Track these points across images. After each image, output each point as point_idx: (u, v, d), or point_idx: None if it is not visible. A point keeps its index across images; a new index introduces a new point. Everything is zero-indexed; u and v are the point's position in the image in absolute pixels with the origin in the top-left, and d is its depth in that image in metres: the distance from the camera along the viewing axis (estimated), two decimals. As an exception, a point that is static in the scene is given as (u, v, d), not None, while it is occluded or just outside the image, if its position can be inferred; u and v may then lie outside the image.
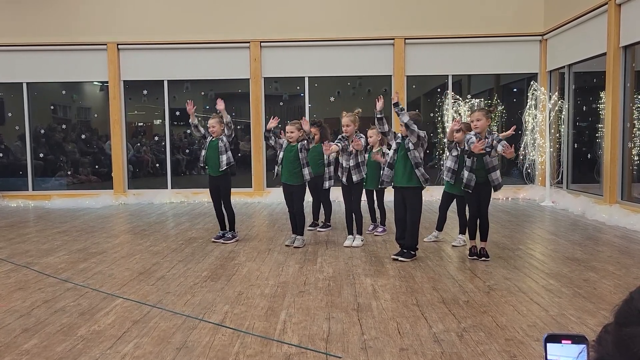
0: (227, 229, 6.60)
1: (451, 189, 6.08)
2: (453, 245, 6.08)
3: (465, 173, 5.40)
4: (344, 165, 6.11)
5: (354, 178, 6.02)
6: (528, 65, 11.03)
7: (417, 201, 5.42)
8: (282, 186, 6.27)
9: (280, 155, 6.11)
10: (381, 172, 6.27)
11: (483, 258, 5.40)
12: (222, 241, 6.50)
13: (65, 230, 7.63)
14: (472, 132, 5.38)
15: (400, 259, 5.41)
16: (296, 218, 6.22)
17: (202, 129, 6.46)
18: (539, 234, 6.94)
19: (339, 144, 6.07)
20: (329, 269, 5.13)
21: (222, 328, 3.58)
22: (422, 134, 5.35)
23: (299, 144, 6.05)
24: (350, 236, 6.26)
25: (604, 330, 0.79)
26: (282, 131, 6.45)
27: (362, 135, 6.22)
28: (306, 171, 6.06)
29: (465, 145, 5.36)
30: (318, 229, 7.22)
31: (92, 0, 11.09)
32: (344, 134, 6.14)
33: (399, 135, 5.50)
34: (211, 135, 6.39)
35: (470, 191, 5.39)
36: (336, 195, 6.55)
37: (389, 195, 6.06)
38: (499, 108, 11.03)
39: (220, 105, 6.29)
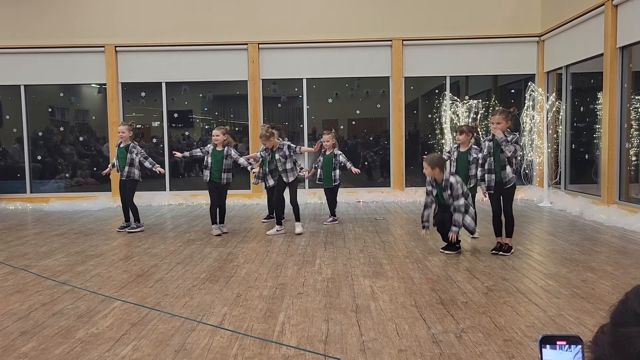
0: (132, 220, 7.62)
1: None
2: (473, 238, 6.45)
3: (485, 176, 5.64)
4: (266, 169, 7.28)
5: (290, 178, 6.96)
6: (525, 66, 11.05)
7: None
8: (210, 183, 7.09)
9: (209, 160, 7.03)
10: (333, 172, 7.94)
11: (501, 253, 5.63)
12: (127, 230, 7.52)
13: (63, 233, 7.62)
14: (489, 137, 5.63)
15: (446, 252, 5.74)
16: (219, 210, 7.23)
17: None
18: (537, 235, 6.94)
19: (262, 153, 7.39)
20: (328, 271, 5.13)
21: (221, 330, 3.58)
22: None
23: (225, 149, 7.01)
24: (279, 226, 7.11)
25: (600, 330, 0.79)
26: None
27: (285, 142, 7.08)
28: (225, 175, 7.08)
29: (483, 148, 5.76)
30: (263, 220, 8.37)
31: (89, 3, 11.09)
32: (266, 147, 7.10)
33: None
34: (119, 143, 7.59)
35: (493, 191, 5.66)
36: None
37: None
38: (497, 109, 11.03)
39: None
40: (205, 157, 7.06)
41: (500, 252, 5.64)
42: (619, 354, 0.72)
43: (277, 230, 7.10)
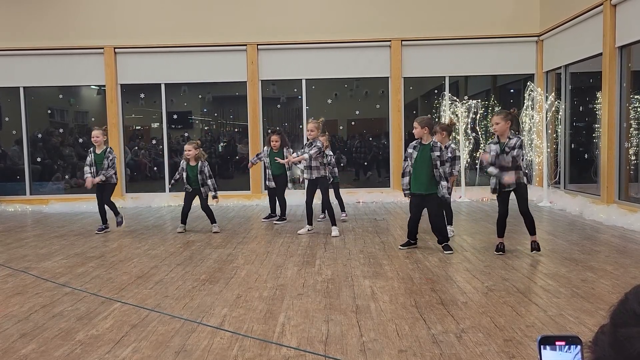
0: (114, 215, 7.75)
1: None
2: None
3: (493, 179, 5.66)
4: (311, 164, 7.04)
5: (315, 175, 6.93)
6: (524, 66, 11.06)
7: (436, 204, 5.77)
8: (188, 190, 7.44)
9: (185, 175, 7.36)
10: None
11: (535, 251, 5.63)
12: (116, 226, 7.72)
13: (63, 235, 7.61)
14: (494, 139, 5.64)
15: (445, 252, 5.78)
16: (206, 213, 7.54)
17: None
18: (536, 234, 6.93)
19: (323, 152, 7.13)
20: (328, 271, 5.12)
21: (221, 331, 3.58)
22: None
23: (199, 165, 7.29)
24: (309, 226, 7.12)
25: (600, 331, 0.79)
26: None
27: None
28: (203, 189, 7.35)
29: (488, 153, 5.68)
30: (274, 221, 8.24)
31: (89, 4, 11.09)
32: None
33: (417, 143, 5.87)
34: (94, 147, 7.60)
35: (497, 194, 5.68)
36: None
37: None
38: (496, 109, 11.05)
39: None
40: (183, 174, 7.41)
41: (534, 252, 5.60)
42: (619, 355, 0.72)
43: (308, 230, 7.14)
